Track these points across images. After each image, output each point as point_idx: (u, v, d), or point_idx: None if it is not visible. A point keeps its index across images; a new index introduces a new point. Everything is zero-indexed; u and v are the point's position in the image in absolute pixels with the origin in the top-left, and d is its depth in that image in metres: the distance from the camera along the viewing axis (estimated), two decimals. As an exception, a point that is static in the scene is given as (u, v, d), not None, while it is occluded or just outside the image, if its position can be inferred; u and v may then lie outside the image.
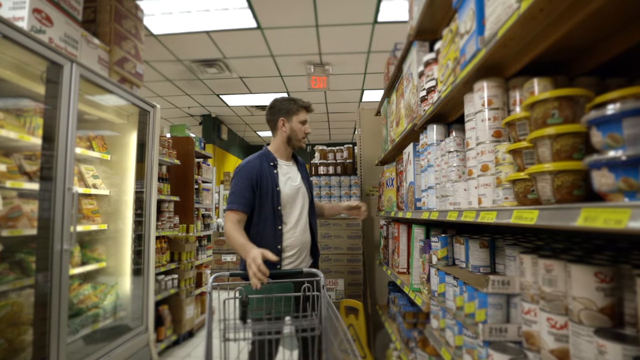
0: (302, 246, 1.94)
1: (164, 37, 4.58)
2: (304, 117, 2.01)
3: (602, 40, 0.83)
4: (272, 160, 1.96)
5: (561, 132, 0.65)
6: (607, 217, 0.50)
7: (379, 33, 4.56)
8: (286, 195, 1.91)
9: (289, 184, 1.94)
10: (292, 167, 2.05)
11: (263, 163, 1.94)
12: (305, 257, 1.97)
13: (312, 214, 2.04)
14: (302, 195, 1.99)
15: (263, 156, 1.98)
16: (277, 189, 1.89)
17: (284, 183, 1.92)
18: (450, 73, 1.21)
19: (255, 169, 1.89)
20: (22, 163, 2.15)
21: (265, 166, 1.93)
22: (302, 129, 2.00)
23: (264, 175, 1.89)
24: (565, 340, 0.80)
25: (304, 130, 2.01)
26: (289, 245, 1.89)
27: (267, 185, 1.88)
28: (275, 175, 1.92)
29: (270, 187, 1.88)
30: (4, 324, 1.90)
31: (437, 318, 1.45)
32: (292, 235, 1.90)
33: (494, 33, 0.87)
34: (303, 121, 2.01)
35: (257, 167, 1.90)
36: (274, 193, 1.88)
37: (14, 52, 1.94)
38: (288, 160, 2.05)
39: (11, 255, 2.04)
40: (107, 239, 2.91)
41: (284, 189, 1.91)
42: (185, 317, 3.60)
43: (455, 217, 1.12)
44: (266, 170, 1.91)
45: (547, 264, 0.84)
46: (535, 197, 0.77)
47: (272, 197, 1.87)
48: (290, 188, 1.94)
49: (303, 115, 2.01)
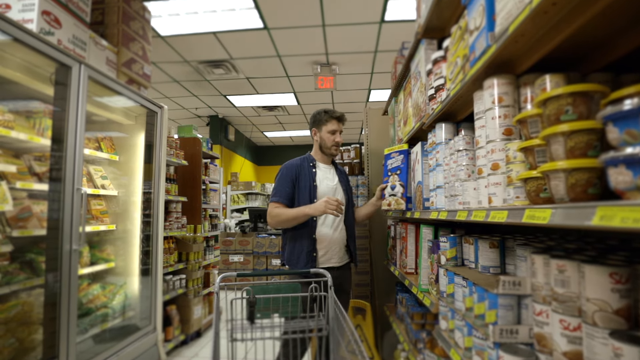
0: (333, 242, 2.11)
1: (171, 38, 4.61)
2: (332, 127, 2.17)
3: (616, 35, 0.81)
4: (311, 162, 2.21)
5: (575, 129, 0.64)
6: (625, 216, 0.49)
7: (386, 32, 4.53)
8: (322, 190, 2.13)
9: (325, 182, 2.17)
10: (330, 170, 2.26)
11: (304, 163, 2.19)
12: (337, 253, 2.14)
13: (347, 215, 2.21)
14: (338, 195, 2.18)
15: (304, 158, 2.24)
16: (314, 184, 2.13)
17: (320, 180, 2.16)
18: (460, 70, 1.19)
19: (295, 167, 2.16)
20: (31, 164, 2.18)
21: (305, 165, 2.18)
22: (331, 138, 2.18)
23: (302, 172, 2.15)
24: (579, 342, 0.78)
25: (333, 140, 2.18)
26: (319, 238, 2.09)
27: (305, 180, 2.12)
28: (313, 173, 2.16)
29: (308, 182, 2.12)
30: (14, 323, 1.92)
31: (446, 319, 1.43)
32: (323, 229, 2.10)
33: (505, 29, 0.85)
34: (332, 131, 2.18)
35: (298, 166, 2.16)
36: (311, 187, 2.11)
37: (24, 54, 1.97)
38: (327, 164, 2.27)
39: (21, 255, 2.07)
40: (116, 240, 2.93)
41: (320, 185, 2.14)
42: (193, 317, 3.62)
43: (465, 216, 1.10)
44: (305, 169, 2.17)
45: (560, 264, 0.82)
46: (547, 195, 0.75)
47: (310, 191, 2.10)
48: (326, 186, 2.16)
49: (332, 125, 2.18)
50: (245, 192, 8.80)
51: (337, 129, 2.19)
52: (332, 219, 2.13)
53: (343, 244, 2.18)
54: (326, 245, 2.10)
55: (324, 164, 2.26)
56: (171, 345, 3.28)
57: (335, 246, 2.13)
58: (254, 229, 6.29)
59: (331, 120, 2.18)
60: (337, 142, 2.19)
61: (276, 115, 8.50)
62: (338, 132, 2.19)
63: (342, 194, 2.21)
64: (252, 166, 11.44)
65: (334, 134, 2.18)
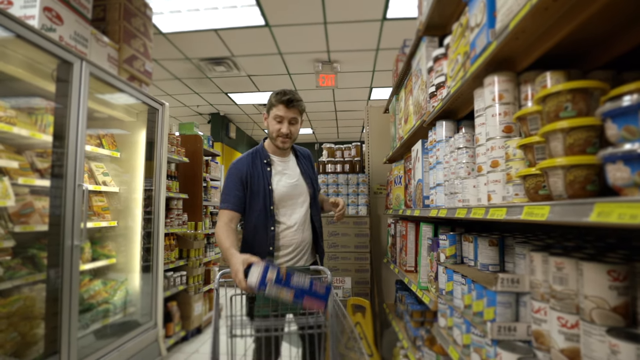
0: (300, 245, 1.82)
1: (172, 35, 4.61)
2: (277, 112, 1.75)
3: (618, 32, 0.81)
4: (265, 158, 1.83)
5: (574, 126, 0.64)
6: (622, 212, 0.49)
7: (388, 30, 4.52)
8: (280, 193, 1.79)
9: (283, 182, 1.82)
10: (289, 163, 1.89)
11: (255, 160, 1.82)
12: (303, 256, 1.85)
13: (315, 210, 1.91)
14: (301, 192, 1.86)
15: (256, 153, 1.85)
16: (269, 187, 1.77)
17: (277, 181, 1.80)
18: (460, 68, 1.19)
19: (245, 166, 1.79)
20: (33, 160, 2.18)
21: (257, 163, 1.81)
22: (276, 127, 1.77)
23: (255, 173, 1.78)
24: (576, 339, 0.78)
25: (278, 129, 1.76)
26: (284, 244, 1.79)
27: (258, 183, 1.77)
28: (268, 173, 1.80)
29: (262, 186, 1.77)
30: (17, 317, 1.93)
31: (445, 316, 1.43)
32: (287, 235, 1.80)
33: (506, 25, 0.85)
34: (277, 117, 1.76)
35: (248, 165, 1.80)
36: (266, 192, 1.76)
37: (25, 50, 1.97)
38: (285, 155, 1.89)
39: (23, 250, 2.08)
40: (117, 236, 2.94)
41: (277, 188, 1.79)
42: (193, 313, 3.63)
43: (464, 214, 1.10)
44: (258, 168, 1.80)
45: (558, 262, 0.82)
46: (546, 193, 0.75)
47: (264, 197, 1.76)
48: (284, 186, 1.81)
49: (278, 110, 1.75)
50: (246, 190, 8.80)
51: (285, 116, 1.75)
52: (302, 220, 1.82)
53: (311, 244, 1.89)
54: (290, 252, 1.81)
55: (281, 156, 1.87)
56: (172, 341, 3.29)
57: (301, 250, 1.84)
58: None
59: (277, 105, 1.74)
60: (283, 132, 1.75)
61: (277, 113, 8.49)
62: (286, 120, 1.76)
63: (305, 189, 1.87)
64: (254, 164, 11.43)
65: (280, 122, 1.76)
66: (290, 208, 1.82)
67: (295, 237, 1.81)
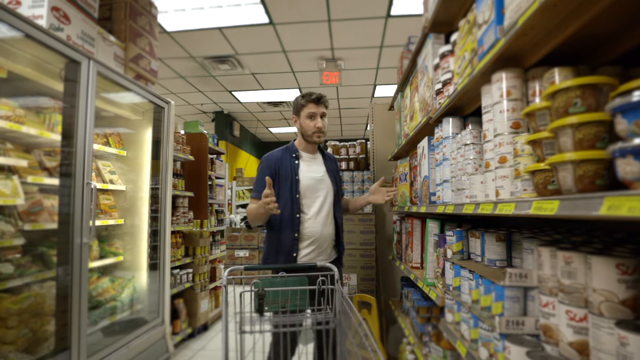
0: (321, 238, 1.95)
1: (177, 34, 4.63)
2: (309, 111, 1.98)
3: (626, 27, 0.81)
4: (294, 152, 2.03)
5: (584, 121, 0.64)
6: (632, 206, 0.50)
7: (392, 27, 4.52)
8: (305, 185, 1.95)
9: (309, 175, 1.99)
10: (316, 160, 2.08)
11: (285, 155, 2.02)
12: (325, 250, 1.98)
13: (337, 208, 2.05)
14: (325, 187, 2.01)
15: (286, 149, 2.06)
16: (296, 177, 1.95)
17: (303, 173, 1.98)
18: (467, 64, 1.19)
19: (275, 159, 1.99)
20: (42, 159, 2.21)
21: (286, 157, 2.01)
22: (311, 123, 1.98)
23: (283, 165, 1.97)
24: (585, 332, 0.79)
25: (313, 125, 1.98)
26: (306, 234, 1.93)
27: (286, 174, 1.95)
28: (296, 165, 1.98)
29: (290, 176, 1.95)
30: (27, 314, 1.96)
31: (452, 312, 1.44)
32: (310, 225, 1.94)
33: (514, 22, 0.85)
34: (310, 115, 1.98)
35: (278, 158, 2.00)
36: (293, 181, 1.94)
37: (34, 49, 1.99)
38: (312, 153, 2.09)
39: (33, 248, 2.10)
40: (124, 234, 2.97)
41: (303, 179, 1.96)
42: (200, 310, 3.66)
43: (472, 209, 1.11)
44: (287, 161, 1.99)
45: (567, 256, 0.83)
46: (555, 187, 0.76)
47: (291, 185, 1.94)
48: (310, 178, 1.98)
49: (309, 108, 1.98)
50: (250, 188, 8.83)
51: (317, 112, 1.98)
52: (325, 213, 1.98)
53: (332, 239, 2.02)
54: (313, 243, 1.94)
55: (309, 153, 2.07)
56: (179, 338, 3.32)
57: (323, 243, 1.97)
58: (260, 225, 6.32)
59: (308, 104, 1.98)
60: (319, 127, 1.98)
61: (281, 111, 8.51)
62: (318, 115, 1.98)
63: (329, 186, 2.03)
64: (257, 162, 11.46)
65: (314, 119, 1.98)
66: (314, 200, 1.98)
67: (317, 229, 1.95)
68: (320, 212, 1.97)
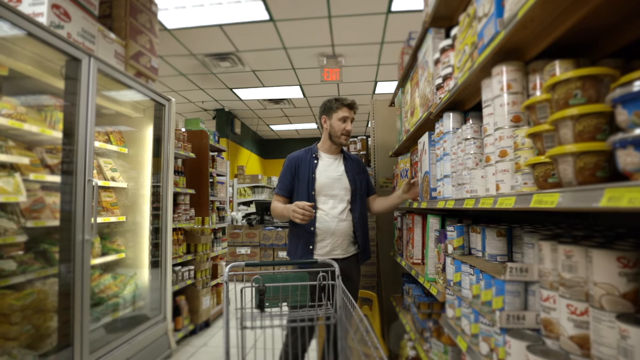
0: (336, 233, 2.07)
1: (177, 31, 4.62)
2: (343, 114, 2.13)
3: (627, 19, 0.81)
4: (314, 153, 2.19)
5: (584, 113, 0.64)
6: (633, 197, 0.49)
7: (393, 23, 4.50)
8: (321, 183, 2.10)
9: (326, 174, 2.13)
10: (336, 161, 2.20)
11: (306, 155, 2.19)
12: (341, 244, 2.10)
13: (355, 206, 2.15)
14: (342, 187, 2.14)
15: (309, 149, 2.22)
16: (312, 175, 2.11)
17: (321, 172, 2.12)
18: (468, 58, 1.18)
19: (296, 158, 2.17)
20: (44, 156, 2.21)
21: (307, 157, 2.17)
22: (342, 126, 2.13)
23: (303, 164, 2.15)
24: (585, 326, 0.79)
25: (343, 128, 2.13)
26: (321, 229, 2.07)
27: (304, 172, 2.12)
28: (314, 164, 2.14)
29: (307, 174, 2.11)
30: (30, 310, 1.97)
31: (453, 307, 1.44)
32: (325, 220, 2.07)
33: (514, 14, 0.85)
34: (343, 118, 2.13)
35: (299, 157, 2.17)
36: (309, 179, 2.10)
37: (34, 47, 1.99)
38: (333, 154, 2.22)
39: (35, 245, 2.11)
40: (126, 231, 2.98)
41: (319, 177, 2.11)
42: (201, 307, 3.67)
43: (473, 204, 1.11)
44: (306, 160, 2.16)
45: (567, 250, 0.83)
46: (556, 180, 0.75)
47: (308, 183, 2.10)
48: (327, 177, 2.12)
49: (342, 112, 2.13)
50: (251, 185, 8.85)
51: (349, 116, 2.14)
52: (340, 210, 2.09)
53: (349, 234, 2.13)
54: (328, 237, 2.07)
55: (330, 154, 2.21)
56: (181, 335, 3.34)
57: (338, 238, 2.08)
58: (261, 222, 6.34)
59: (342, 108, 2.13)
60: (348, 130, 2.14)
61: (282, 108, 8.50)
62: (349, 119, 2.15)
63: (346, 185, 2.14)
64: (259, 159, 11.48)
65: (345, 122, 2.14)
66: (330, 197, 2.11)
67: (332, 225, 2.07)
68: (334, 208, 2.10)
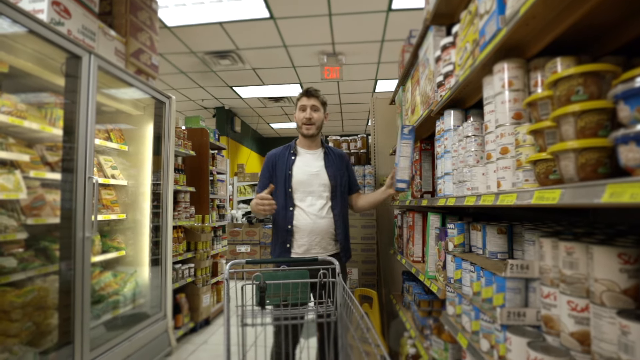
0: (315, 231, 1.99)
1: (177, 29, 4.62)
2: (300, 103, 2.07)
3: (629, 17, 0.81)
4: (292, 149, 2.12)
5: (586, 109, 0.64)
6: (635, 192, 0.49)
7: (393, 21, 4.49)
8: (298, 179, 2.02)
9: (303, 170, 2.05)
10: (314, 156, 2.12)
11: (284, 151, 2.13)
12: (320, 242, 2.01)
13: (336, 203, 2.06)
14: (320, 183, 2.05)
15: (287, 146, 2.16)
16: (289, 172, 2.04)
17: (298, 168, 2.05)
18: (469, 56, 1.18)
19: (274, 156, 2.12)
20: (44, 154, 2.21)
21: (285, 153, 2.11)
22: (301, 115, 2.06)
23: (280, 160, 2.08)
24: (586, 323, 0.79)
25: (303, 116, 2.06)
26: (299, 226, 1.99)
27: (281, 169, 2.06)
28: (291, 160, 2.07)
29: (284, 171, 2.04)
30: (31, 307, 1.97)
31: (453, 304, 1.45)
32: (303, 218, 1.99)
33: (516, 11, 0.85)
34: (301, 107, 2.07)
35: (276, 155, 2.12)
36: (286, 176, 2.03)
37: (35, 44, 1.99)
38: (312, 149, 2.14)
39: (36, 242, 2.11)
40: (126, 229, 2.98)
41: (296, 173, 2.03)
42: (202, 305, 3.68)
43: (474, 201, 1.11)
44: (284, 157, 2.09)
45: (568, 246, 0.83)
46: (557, 177, 0.75)
47: (284, 180, 2.03)
48: (303, 173, 2.04)
49: (300, 101, 2.08)
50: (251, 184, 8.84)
51: (307, 104, 2.05)
52: (319, 207, 2.00)
53: (329, 232, 2.02)
54: (306, 235, 1.98)
55: (309, 149, 2.12)
56: (181, 333, 3.34)
57: (317, 236, 1.99)
58: (261, 220, 6.34)
59: (301, 98, 2.08)
60: (307, 118, 2.03)
61: (282, 107, 8.49)
62: (308, 107, 2.04)
63: (325, 181, 2.04)
64: (258, 157, 11.47)
65: (304, 111, 2.05)
66: (308, 194, 2.03)
67: (310, 222, 1.99)
68: (312, 205, 2.01)
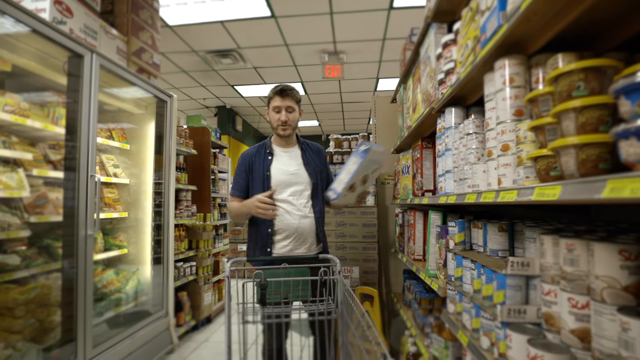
0: (297, 231, 1.92)
1: (179, 27, 4.62)
2: (274, 104, 1.97)
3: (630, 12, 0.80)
4: (267, 148, 2.03)
5: (587, 104, 0.64)
6: (635, 187, 0.49)
7: (395, 19, 4.48)
8: (277, 180, 1.94)
9: (281, 169, 1.97)
10: (291, 153, 2.04)
11: (260, 150, 2.03)
12: (303, 243, 1.95)
13: (316, 201, 2.00)
14: (300, 181, 1.97)
15: (262, 145, 2.07)
16: (267, 173, 1.95)
17: (276, 168, 1.96)
18: (470, 53, 1.18)
19: (249, 156, 2.02)
20: (47, 152, 2.22)
21: (261, 153, 2.02)
22: (276, 117, 1.97)
23: (257, 161, 1.99)
24: (587, 320, 0.79)
25: (277, 119, 1.96)
26: (281, 228, 1.92)
27: (258, 170, 1.97)
28: (268, 161, 1.99)
29: (261, 172, 1.96)
30: (34, 304, 1.98)
31: (454, 302, 1.45)
32: (285, 219, 1.91)
33: (517, 7, 0.84)
34: (275, 107, 1.97)
35: (252, 155, 2.02)
36: (264, 177, 1.95)
37: (37, 43, 2.00)
38: (288, 146, 2.06)
39: (39, 240, 2.13)
40: (128, 227, 2.99)
41: (275, 174, 1.95)
42: (203, 303, 3.69)
43: (474, 199, 1.11)
44: (260, 157, 2.01)
45: (569, 243, 0.83)
46: (558, 173, 0.75)
47: (263, 181, 1.95)
48: (282, 173, 1.96)
49: (274, 102, 1.97)
50: (253, 183, 8.84)
51: (281, 105, 1.95)
52: (300, 207, 1.94)
53: (312, 232, 1.97)
54: (288, 236, 1.92)
55: (284, 147, 2.04)
56: (182, 330, 3.35)
57: (301, 236, 1.93)
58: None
59: (274, 97, 1.96)
60: (283, 121, 1.94)
61: (284, 106, 8.48)
62: (283, 108, 1.95)
63: (306, 179, 1.98)
64: (260, 157, 11.46)
65: (279, 112, 1.95)
66: (289, 194, 1.95)
67: (292, 223, 1.92)
68: (295, 205, 1.94)
